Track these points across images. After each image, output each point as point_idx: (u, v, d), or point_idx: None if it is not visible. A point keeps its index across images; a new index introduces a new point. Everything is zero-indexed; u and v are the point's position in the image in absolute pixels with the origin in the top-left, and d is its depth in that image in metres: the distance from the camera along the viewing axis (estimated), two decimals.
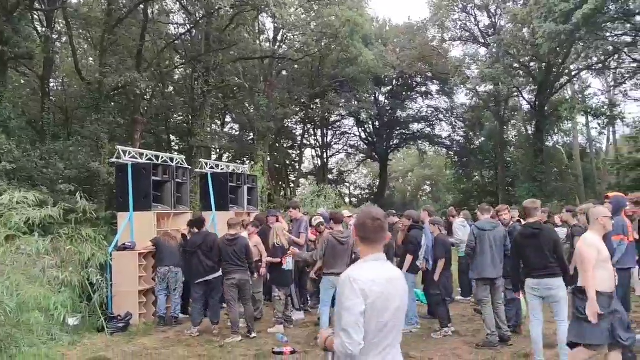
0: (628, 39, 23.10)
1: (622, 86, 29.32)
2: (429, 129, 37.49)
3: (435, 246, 7.86)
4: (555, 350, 6.35)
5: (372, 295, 2.65)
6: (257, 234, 8.97)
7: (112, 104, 21.82)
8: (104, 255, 8.99)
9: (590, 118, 33.23)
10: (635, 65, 25.95)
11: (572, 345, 5.01)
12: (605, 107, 30.53)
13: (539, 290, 5.98)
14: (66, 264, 8.39)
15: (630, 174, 27.15)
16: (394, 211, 11.94)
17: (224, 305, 8.55)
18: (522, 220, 7.96)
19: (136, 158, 10.08)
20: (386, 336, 2.71)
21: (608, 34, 22.43)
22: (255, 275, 8.44)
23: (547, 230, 6.15)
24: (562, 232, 8.79)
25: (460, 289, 10.71)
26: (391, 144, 38.21)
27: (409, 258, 7.96)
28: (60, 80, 23.24)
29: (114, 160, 10.18)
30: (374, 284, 2.68)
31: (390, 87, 35.23)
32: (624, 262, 6.25)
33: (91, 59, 22.27)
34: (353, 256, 7.20)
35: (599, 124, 33.57)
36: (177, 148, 28.42)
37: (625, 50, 23.91)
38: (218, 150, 29.74)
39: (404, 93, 35.79)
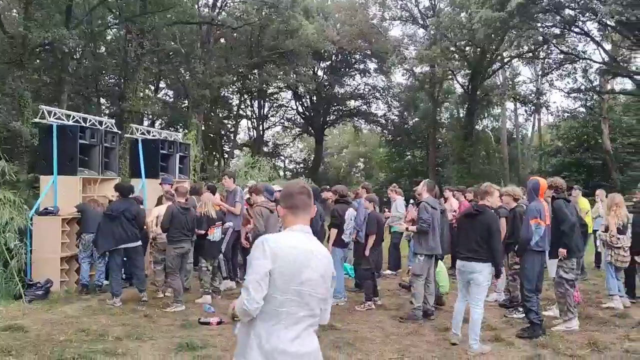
0: (557, 30, 24.13)
1: (548, 76, 30.70)
2: (365, 107, 38.01)
3: (368, 222, 8.01)
4: None
5: (283, 259, 2.52)
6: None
7: (38, 61, 20.61)
8: (24, 220, 8.59)
9: (518, 105, 34.77)
10: (561, 56, 27.19)
11: None
12: (533, 95, 32.03)
13: (463, 271, 6.04)
14: None
15: (551, 160, 28.66)
16: (328, 186, 12.04)
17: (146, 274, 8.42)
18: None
19: (62, 119, 9.60)
20: (296, 310, 2.55)
21: (539, 24, 23.33)
22: None
23: (487, 214, 6.00)
24: None
25: (388, 263, 11.05)
26: (327, 119, 38.45)
27: (333, 232, 8.09)
28: None
29: (37, 120, 9.67)
30: (290, 248, 2.56)
31: (329, 62, 35.27)
32: (540, 245, 6.35)
33: (15, 11, 20.83)
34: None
35: (526, 111, 35.29)
36: (107, 112, 27.32)
37: (554, 41, 24.97)
38: (150, 116, 28.82)
39: (342, 69, 35.94)
